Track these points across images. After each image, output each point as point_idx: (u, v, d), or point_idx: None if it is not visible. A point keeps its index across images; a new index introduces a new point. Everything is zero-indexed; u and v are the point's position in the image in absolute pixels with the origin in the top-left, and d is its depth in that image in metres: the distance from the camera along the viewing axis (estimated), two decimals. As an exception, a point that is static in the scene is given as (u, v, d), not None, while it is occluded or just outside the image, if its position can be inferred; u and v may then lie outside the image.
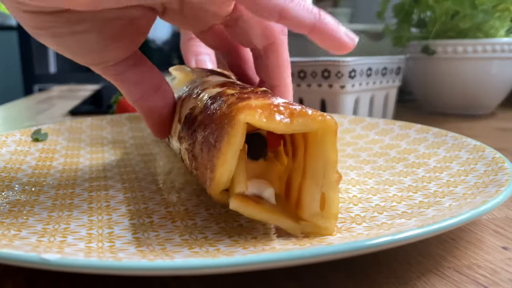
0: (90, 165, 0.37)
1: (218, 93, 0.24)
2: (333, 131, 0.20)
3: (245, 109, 0.20)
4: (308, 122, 0.20)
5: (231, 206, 0.21)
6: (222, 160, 0.20)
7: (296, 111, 0.20)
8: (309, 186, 0.21)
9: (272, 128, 0.20)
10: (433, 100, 0.69)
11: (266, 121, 0.19)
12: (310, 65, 0.54)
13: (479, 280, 0.20)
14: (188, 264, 0.16)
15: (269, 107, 0.20)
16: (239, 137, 0.20)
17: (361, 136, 0.42)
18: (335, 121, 0.20)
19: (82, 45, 0.25)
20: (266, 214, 0.21)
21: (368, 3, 0.93)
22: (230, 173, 0.21)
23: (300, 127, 0.20)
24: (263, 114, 0.19)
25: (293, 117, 0.20)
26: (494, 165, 0.28)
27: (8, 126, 0.65)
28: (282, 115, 0.20)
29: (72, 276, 0.21)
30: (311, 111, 0.20)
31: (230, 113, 0.20)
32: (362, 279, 0.20)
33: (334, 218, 0.21)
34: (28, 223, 0.24)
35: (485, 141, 0.44)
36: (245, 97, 0.21)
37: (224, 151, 0.20)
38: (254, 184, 0.22)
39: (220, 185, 0.21)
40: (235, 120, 0.19)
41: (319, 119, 0.20)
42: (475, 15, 0.60)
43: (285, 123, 0.20)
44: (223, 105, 0.22)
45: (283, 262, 0.16)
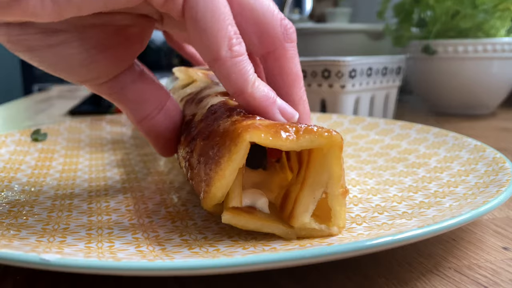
0: (90, 165, 0.37)
1: (220, 102, 0.24)
2: (338, 146, 0.20)
3: (250, 128, 0.19)
4: (315, 139, 0.20)
5: (223, 220, 0.21)
6: (221, 175, 0.20)
7: (302, 128, 0.20)
8: (304, 196, 0.21)
9: (279, 146, 0.20)
10: (434, 100, 0.69)
11: (272, 139, 0.19)
12: (310, 64, 0.54)
13: (479, 281, 0.20)
14: (188, 264, 0.16)
15: (274, 125, 0.20)
16: (242, 155, 0.20)
17: (362, 136, 0.42)
18: (341, 136, 0.20)
19: (63, 59, 0.22)
20: (259, 223, 0.21)
21: (368, 3, 0.93)
22: (226, 189, 0.21)
23: (307, 144, 0.20)
24: (269, 133, 0.19)
25: (299, 134, 0.20)
26: (494, 165, 0.28)
27: (7, 126, 0.65)
28: (287, 133, 0.20)
29: (72, 277, 0.21)
30: (317, 127, 0.20)
31: (234, 130, 0.20)
32: (362, 279, 0.20)
33: (340, 229, 0.21)
34: (27, 223, 0.24)
35: (485, 141, 0.44)
36: (250, 116, 0.21)
37: (224, 168, 0.20)
38: (248, 195, 0.22)
39: (214, 199, 0.21)
40: (240, 138, 0.19)
41: (325, 135, 0.20)
42: (475, 15, 0.60)
43: (291, 140, 0.20)
44: (227, 120, 0.22)
45: (283, 262, 0.16)
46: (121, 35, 0.23)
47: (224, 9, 0.20)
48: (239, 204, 0.21)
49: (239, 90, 0.21)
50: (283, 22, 0.23)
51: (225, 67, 0.21)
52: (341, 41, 0.76)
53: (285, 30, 0.23)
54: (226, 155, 0.20)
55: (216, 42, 0.20)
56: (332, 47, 0.76)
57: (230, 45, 0.20)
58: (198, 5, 0.20)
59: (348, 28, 0.77)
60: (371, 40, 0.78)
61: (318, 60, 0.54)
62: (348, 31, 0.76)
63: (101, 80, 0.24)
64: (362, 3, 0.97)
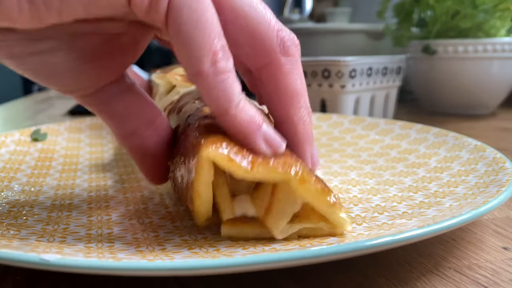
0: (90, 165, 0.37)
1: (196, 110, 0.24)
2: (296, 184, 0.19)
3: (209, 144, 0.19)
4: (269, 173, 0.19)
5: (223, 234, 0.21)
6: (196, 194, 0.20)
7: (258, 160, 0.19)
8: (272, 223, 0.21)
9: (232, 172, 0.19)
10: (434, 100, 0.69)
11: (227, 164, 0.19)
12: (310, 64, 0.54)
13: (479, 281, 0.20)
14: (188, 264, 0.16)
15: (234, 147, 0.19)
16: (206, 171, 0.19)
17: (362, 136, 0.42)
18: (299, 171, 0.19)
19: (48, 68, 0.21)
20: (258, 230, 0.21)
21: (368, 3, 0.93)
22: (208, 204, 0.20)
23: (261, 177, 0.19)
24: (224, 157, 0.19)
25: (253, 166, 0.19)
26: (495, 165, 0.28)
27: (7, 126, 0.65)
28: (243, 161, 0.19)
29: (72, 277, 0.21)
30: (274, 160, 0.19)
31: (196, 146, 0.20)
32: (363, 280, 0.20)
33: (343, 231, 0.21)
34: (27, 224, 0.24)
35: (486, 141, 0.44)
36: (214, 129, 0.20)
37: (195, 186, 0.19)
38: (241, 203, 0.22)
39: (200, 216, 0.21)
40: (199, 156, 0.19)
41: (278, 171, 0.19)
42: (475, 15, 0.60)
43: (245, 169, 0.19)
44: (194, 133, 0.21)
45: (283, 262, 0.16)
46: (113, 44, 0.22)
47: (211, 20, 0.18)
48: (231, 216, 0.21)
49: (221, 111, 0.19)
50: (280, 34, 0.21)
51: (206, 83, 0.19)
52: (341, 41, 0.76)
53: (282, 42, 0.21)
54: (194, 173, 0.19)
55: (198, 56, 0.18)
56: (332, 47, 0.76)
57: (214, 60, 0.19)
58: (182, 15, 0.18)
59: (348, 28, 0.77)
60: (371, 40, 0.78)
61: (318, 60, 0.54)
62: (348, 31, 0.76)
63: (88, 91, 0.22)
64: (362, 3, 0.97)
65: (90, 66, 0.21)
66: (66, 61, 0.21)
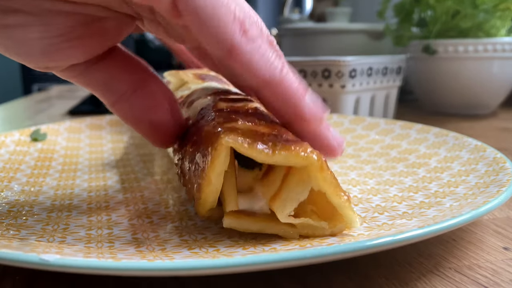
0: (89, 165, 0.36)
1: (209, 105, 0.24)
2: (316, 169, 0.20)
3: (228, 132, 0.19)
4: (290, 157, 0.19)
5: (225, 225, 0.21)
6: (207, 181, 0.20)
7: (279, 144, 0.19)
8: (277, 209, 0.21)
9: (253, 156, 0.19)
10: (434, 100, 0.69)
11: (247, 148, 0.19)
12: (311, 64, 0.54)
13: (479, 281, 0.20)
14: (188, 264, 0.16)
15: (254, 134, 0.20)
16: (222, 159, 0.19)
17: (362, 136, 0.42)
18: (320, 157, 0.20)
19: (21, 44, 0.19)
20: (260, 224, 0.21)
21: (368, 3, 0.93)
22: (216, 194, 0.21)
23: (282, 161, 0.19)
24: (246, 141, 0.19)
25: (275, 149, 0.19)
26: (495, 165, 0.28)
27: (7, 126, 0.65)
28: (265, 145, 0.19)
29: (71, 277, 0.20)
30: (295, 145, 0.19)
31: (215, 134, 0.20)
32: (363, 280, 0.20)
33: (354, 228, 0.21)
34: (27, 224, 0.24)
35: (486, 141, 0.44)
36: (232, 118, 0.21)
37: (208, 173, 0.20)
38: (245, 199, 0.22)
39: (206, 205, 0.21)
40: (218, 142, 0.19)
41: (301, 155, 0.19)
42: (476, 15, 0.60)
43: (266, 153, 0.19)
44: (211, 123, 0.21)
45: (283, 262, 0.16)
46: (94, 26, 0.20)
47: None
48: (235, 208, 0.21)
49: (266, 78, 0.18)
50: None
51: (243, 55, 0.18)
52: (341, 41, 0.76)
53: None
54: (209, 159, 0.19)
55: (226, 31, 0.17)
56: (332, 47, 0.76)
57: (243, 30, 0.17)
58: None
59: (348, 28, 0.77)
60: (371, 40, 0.78)
61: (318, 60, 0.54)
62: (348, 31, 0.76)
63: (60, 69, 0.21)
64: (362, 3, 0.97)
65: (67, 46, 0.20)
66: (40, 38, 0.19)
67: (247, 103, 0.24)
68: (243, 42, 0.18)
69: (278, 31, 0.89)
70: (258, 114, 0.23)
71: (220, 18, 0.17)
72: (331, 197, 0.20)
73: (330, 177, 0.20)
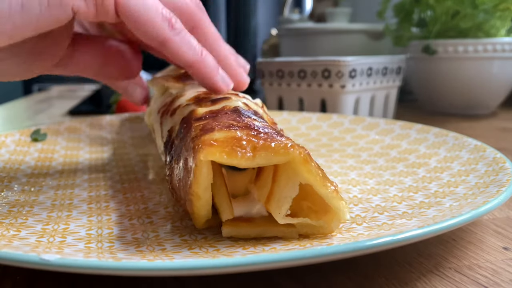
0: (90, 165, 0.36)
1: (190, 113, 0.24)
2: (299, 162, 0.19)
3: (205, 146, 0.19)
4: (271, 156, 0.19)
5: (224, 234, 0.21)
6: (195, 197, 0.20)
7: (258, 144, 0.19)
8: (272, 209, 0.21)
9: (235, 164, 0.19)
10: (434, 100, 0.69)
11: (227, 158, 0.19)
12: (310, 64, 0.54)
13: (479, 281, 0.20)
14: (188, 264, 0.16)
15: (231, 141, 0.20)
16: (205, 174, 0.19)
17: (362, 136, 0.42)
18: (301, 150, 0.20)
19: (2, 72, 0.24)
20: (259, 229, 0.21)
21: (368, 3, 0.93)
22: (208, 206, 0.21)
23: (264, 161, 0.19)
24: (224, 151, 0.19)
25: (255, 151, 0.19)
26: (495, 165, 0.28)
27: (7, 126, 0.65)
28: (244, 149, 0.19)
29: (72, 277, 0.20)
30: (275, 142, 0.19)
31: (193, 150, 0.20)
32: (362, 280, 0.20)
33: (343, 222, 0.21)
34: (27, 224, 0.24)
35: (486, 141, 0.44)
36: (208, 128, 0.21)
37: (195, 189, 0.20)
38: (241, 205, 0.22)
39: (200, 218, 0.21)
40: (196, 159, 0.19)
41: (281, 152, 0.19)
42: (475, 15, 0.60)
43: (247, 157, 0.19)
44: (190, 136, 0.21)
45: (283, 262, 0.16)
46: (48, 38, 0.25)
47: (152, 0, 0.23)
48: (230, 216, 0.21)
49: (193, 61, 0.24)
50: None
51: (174, 44, 0.24)
52: (341, 41, 0.76)
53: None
54: (191, 175, 0.19)
55: (158, 28, 0.23)
56: (332, 47, 0.76)
57: (171, 25, 0.23)
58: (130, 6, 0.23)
59: (348, 28, 0.77)
60: (371, 40, 0.78)
61: (318, 60, 0.54)
62: (348, 31, 0.76)
63: (40, 73, 0.26)
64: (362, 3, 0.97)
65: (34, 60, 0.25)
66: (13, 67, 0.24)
67: (226, 102, 0.24)
68: (172, 35, 0.24)
69: (278, 31, 0.89)
70: (237, 114, 0.23)
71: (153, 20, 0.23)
72: (318, 188, 0.20)
73: (315, 168, 0.20)
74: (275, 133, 0.21)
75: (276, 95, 0.59)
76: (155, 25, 0.23)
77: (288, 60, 0.57)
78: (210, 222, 0.22)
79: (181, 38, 0.24)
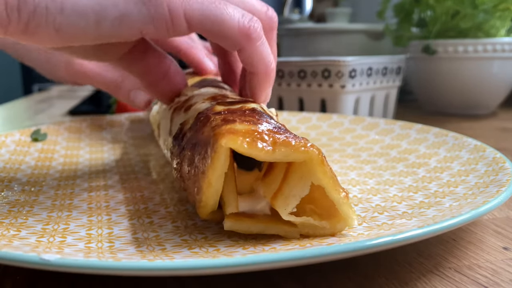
0: (90, 165, 0.37)
1: (207, 109, 0.24)
2: (317, 162, 0.20)
3: (227, 134, 0.19)
4: (290, 153, 0.20)
5: (225, 227, 0.21)
6: (207, 184, 0.20)
7: (279, 140, 0.20)
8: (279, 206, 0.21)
9: (254, 155, 0.19)
10: (434, 100, 0.69)
11: (247, 148, 0.19)
12: (310, 64, 0.54)
13: (479, 281, 0.20)
14: (188, 264, 0.16)
15: (252, 133, 0.20)
16: (222, 161, 0.19)
17: (362, 136, 0.42)
18: (320, 151, 0.20)
19: (80, 55, 0.28)
20: (261, 226, 0.21)
21: (368, 3, 0.93)
22: (217, 196, 0.21)
23: (282, 157, 0.20)
24: (245, 141, 0.19)
25: (275, 146, 0.19)
26: (494, 165, 0.28)
27: (7, 126, 0.65)
28: (264, 143, 0.19)
29: (72, 277, 0.20)
30: (295, 140, 0.20)
31: (213, 137, 0.20)
32: (362, 279, 0.20)
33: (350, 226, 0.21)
34: (27, 223, 0.24)
35: (486, 141, 0.44)
36: (230, 120, 0.21)
37: (209, 175, 0.20)
38: (246, 201, 0.22)
39: (207, 207, 0.21)
40: (217, 144, 0.19)
41: (301, 149, 0.20)
42: (475, 15, 0.60)
43: (267, 151, 0.19)
44: (209, 126, 0.22)
45: (283, 262, 0.16)
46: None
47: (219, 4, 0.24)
48: (235, 210, 0.21)
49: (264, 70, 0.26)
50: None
51: (251, 53, 0.25)
52: (341, 41, 0.76)
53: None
54: (208, 161, 0.20)
55: (235, 36, 0.24)
56: (332, 47, 0.76)
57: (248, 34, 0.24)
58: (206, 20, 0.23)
59: (348, 28, 0.77)
60: (371, 40, 0.78)
61: (318, 60, 0.54)
62: (348, 31, 0.76)
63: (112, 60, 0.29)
64: (362, 3, 0.97)
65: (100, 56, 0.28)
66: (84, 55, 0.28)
67: (244, 104, 0.24)
68: (249, 44, 0.24)
69: (278, 31, 0.89)
70: (256, 113, 0.23)
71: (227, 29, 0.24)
72: (330, 192, 0.20)
73: (330, 171, 0.20)
74: (292, 133, 0.21)
75: (276, 95, 0.59)
76: (233, 35, 0.24)
77: (288, 60, 0.57)
78: (214, 214, 0.22)
79: (260, 45, 0.25)
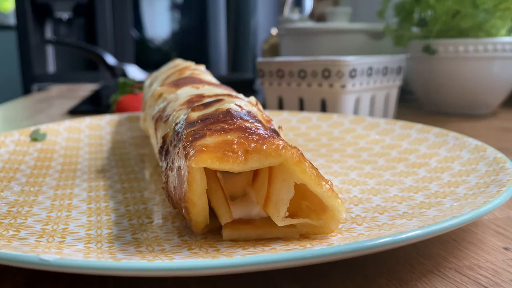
0: (89, 165, 0.36)
1: (182, 119, 0.24)
2: (293, 163, 0.19)
3: (197, 153, 0.19)
4: (264, 159, 0.19)
5: (224, 238, 0.21)
6: (191, 204, 0.20)
7: (250, 147, 0.19)
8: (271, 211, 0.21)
9: (228, 169, 0.19)
10: (434, 100, 0.69)
11: (219, 164, 0.19)
12: (311, 64, 0.54)
13: (480, 281, 0.20)
14: (188, 265, 0.16)
15: (223, 145, 0.19)
16: (198, 180, 0.19)
17: (362, 136, 0.42)
18: (294, 150, 0.19)
19: None
20: (259, 231, 0.21)
21: (369, 2, 0.93)
22: (205, 212, 0.21)
23: (258, 164, 0.19)
24: (216, 157, 0.19)
25: (247, 155, 0.19)
26: (495, 165, 0.28)
27: (6, 126, 0.65)
28: (235, 153, 0.19)
29: (71, 277, 0.20)
30: (267, 144, 0.19)
31: (184, 158, 0.20)
32: (363, 280, 0.20)
33: (340, 221, 0.21)
34: (26, 224, 0.24)
35: (486, 141, 0.44)
36: (199, 134, 0.21)
37: (190, 196, 0.20)
38: (240, 207, 0.22)
39: (199, 224, 0.21)
40: (189, 167, 0.19)
41: (273, 153, 0.19)
42: (476, 15, 0.60)
43: (240, 162, 0.19)
44: (182, 142, 0.21)
45: (283, 262, 0.16)
46: None
47: None
48: (229, 219, 0.21)
49: None
50: None
51: None
52: (341, 41, 0.76)
53: None
54: (185, 183, 0.19)
55: None
56: (332, 47, 0.76)
57: None
58: None
59: (348, 28, 0.77)
60: (372, 40, 0.78)
61: (318, 60, 0.54)
62: (348, 31, 0.76)
63: None
64: (362, 2, 0.97)
65: None
66: None
67: (219, 105, 0.24)
68: None
69: (278, 31, 0.89)
70: (229, 116, 0.23)
71: None
72: (313, 188, 0.20)
73: (308, 168, 0.20)
74: (267, 133, 0.21)
75: (276, 95, 0.59)
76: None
77: (288, 60, 0.57)
78: (210, 226, 0.22)
79: None
